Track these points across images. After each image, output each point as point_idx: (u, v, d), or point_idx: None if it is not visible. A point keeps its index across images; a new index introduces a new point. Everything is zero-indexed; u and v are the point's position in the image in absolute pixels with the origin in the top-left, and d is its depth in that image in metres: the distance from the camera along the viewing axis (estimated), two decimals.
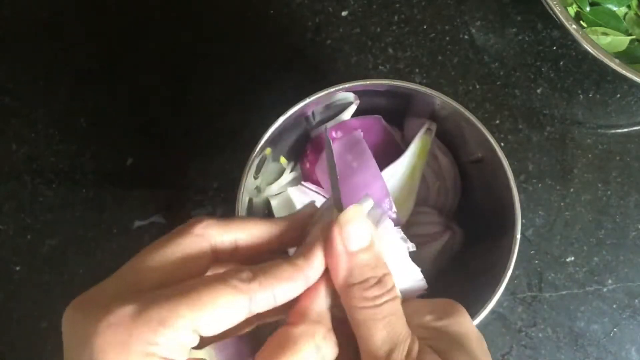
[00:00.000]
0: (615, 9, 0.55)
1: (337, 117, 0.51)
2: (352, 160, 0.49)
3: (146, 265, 0.27)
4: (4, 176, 0.57)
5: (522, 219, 0.44)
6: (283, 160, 0.52)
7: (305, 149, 0.51)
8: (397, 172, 0.50)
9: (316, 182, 0.50)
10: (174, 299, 0.24)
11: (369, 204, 0.31)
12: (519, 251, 0.44)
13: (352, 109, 0.51)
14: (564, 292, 0.56)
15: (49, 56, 0.59)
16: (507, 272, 0.44)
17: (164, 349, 0.24)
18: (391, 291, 0.28)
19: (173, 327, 0.24)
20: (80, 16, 0.60)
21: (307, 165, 0.51)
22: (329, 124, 0.50)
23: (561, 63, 0.59)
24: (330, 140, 0.38)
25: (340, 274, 0.28)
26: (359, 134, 0.49)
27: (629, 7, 0.56)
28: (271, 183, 0.52)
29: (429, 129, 0.50)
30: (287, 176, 0.52)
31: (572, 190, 0.57)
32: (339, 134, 0.50)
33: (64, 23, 0.59)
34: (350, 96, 0.49)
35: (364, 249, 0.28)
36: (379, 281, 0.28)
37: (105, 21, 0.60)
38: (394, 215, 0.48)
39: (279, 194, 0.52)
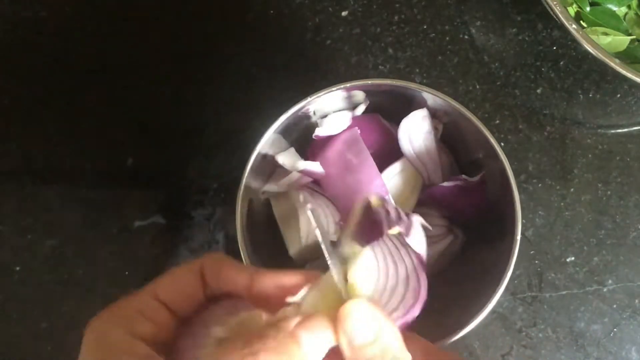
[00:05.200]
0: (615, 9, 0.55)
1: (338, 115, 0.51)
2: (351, 158, 0.49)
3: None
4: (3, 176, 0.57)
5: (522, 219, 0.44)
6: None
7: (305, 149, 0.51)
8: (400, 171, 0.50)
9: (316, 182, 0.50)
10: None
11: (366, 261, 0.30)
12: (519, 251, 0.44)
13: (362, 108, 0.51)
14: (564, 292, 0.56)
15: (49, 56, 0.59)
16: (507, 272, 0.44)
17: None
18: None
19: None
20: (79, 16, 0.60)
21: None
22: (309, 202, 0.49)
23: (561, 63, 0.59)
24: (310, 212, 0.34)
25: None
26: (356, 132, 0.49)
27: (629, 7, 0.56)
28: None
29: (435, 128, 0.50)
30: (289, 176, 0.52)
31: (572, 190, 0.57)
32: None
33: (64, 23, 0.59)
34: (360, 95, 0.50)
35: (369, 343, 0.27)
36: None
37: (105, 21, 0.60)
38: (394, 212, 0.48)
39: (280, 193, 0.51)
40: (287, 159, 0.50)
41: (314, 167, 0.49)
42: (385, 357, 0.27)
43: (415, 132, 0.49)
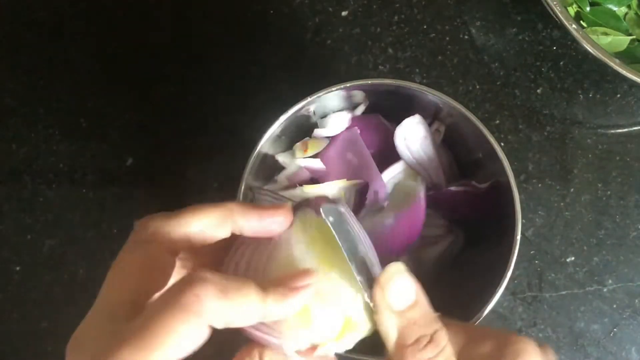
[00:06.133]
0: (615, 8, 0.55)
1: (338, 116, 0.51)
2: (351, 158, 0.49)
3: (115, 295, 0.27)
4: (4, 176, 0.57)
5: (522, 219, 0.44)
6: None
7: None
8: (400, 171, 0.50)
9: (315, 181, 0.50)
10: (132, 345, 0.24)
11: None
12: (519, 251, 0.44)
13: (362, 108, 0.51)
14: (564, 292, 0.56)
15: (48, 56, 0.59)
16: (507, 272, 0.44)
17: None
18: (444, 349, 0.27)
19: None
20: (80, 16, 0.60)
21: None
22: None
23: (561, 63, 0.59)
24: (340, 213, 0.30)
25: (390, 336, 0.28)
26: (356, 132, 0.49)
27: (629, 7, 0.56)
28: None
29: (437, 130, 0.50)
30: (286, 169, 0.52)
31: (572, 190, 0.57)
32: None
33: (64, 23, 0.59)
34: (360, 95, 0.49)
35: (411, 306, 0.28)
36: (431, 340, 0.27)
37: (104, 21, 0.60)
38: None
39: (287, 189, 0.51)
40: (287, 158, 0.50)
41: (314, 163, 0.49)
42: (427, 321, 0.28)
43: (411, 138, 0.49)
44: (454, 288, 0.48)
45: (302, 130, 0.51)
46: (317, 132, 0.50)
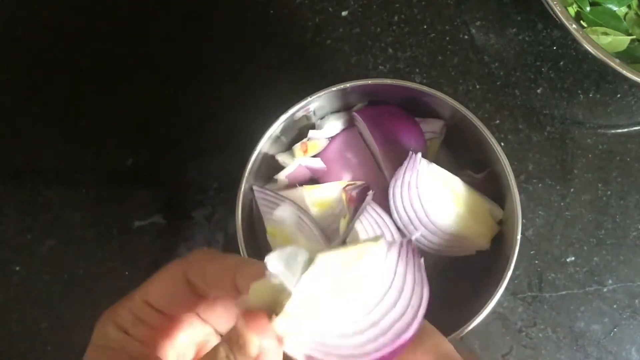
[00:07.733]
0: (615, 8, 0.55)
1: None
2: (350, 158, 0.49)
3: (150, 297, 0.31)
4: (4, 176, 0.57)
5: (522, 219, 0.44)
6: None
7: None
8: None
9: (315, 181, 0.50)
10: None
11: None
12: (519, 251, 0.44)
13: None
14: (564, 292, 0.56)
15: (49, 56, 0.59)
16: (507, 272, 0.44)
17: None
18: None
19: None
20: (80, 16, 0.60)
21: None
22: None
23: (561, 63, 0.59)
24: None
25: None
26: (356, 131, 0.49)
27: (629, 7, 0.56)
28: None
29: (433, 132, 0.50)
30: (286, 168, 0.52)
31: (572, 190, 0.57)
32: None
33: (64, 23, 0.59)
34: (360, 95, 0.49)
35: None
36: None
37: (105, 21, 0.60)
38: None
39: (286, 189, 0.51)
40: (287, 158, 0.50)
41: (315, 162, 0.49)
42: None
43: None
44: (454, 288, 0.49)
45: (302, 130, 0.51)
46: (317, 132, 0.50)
